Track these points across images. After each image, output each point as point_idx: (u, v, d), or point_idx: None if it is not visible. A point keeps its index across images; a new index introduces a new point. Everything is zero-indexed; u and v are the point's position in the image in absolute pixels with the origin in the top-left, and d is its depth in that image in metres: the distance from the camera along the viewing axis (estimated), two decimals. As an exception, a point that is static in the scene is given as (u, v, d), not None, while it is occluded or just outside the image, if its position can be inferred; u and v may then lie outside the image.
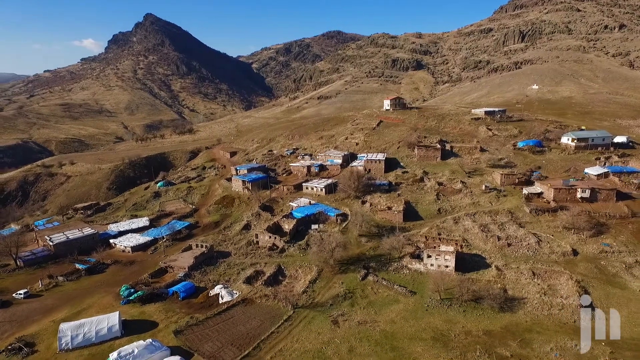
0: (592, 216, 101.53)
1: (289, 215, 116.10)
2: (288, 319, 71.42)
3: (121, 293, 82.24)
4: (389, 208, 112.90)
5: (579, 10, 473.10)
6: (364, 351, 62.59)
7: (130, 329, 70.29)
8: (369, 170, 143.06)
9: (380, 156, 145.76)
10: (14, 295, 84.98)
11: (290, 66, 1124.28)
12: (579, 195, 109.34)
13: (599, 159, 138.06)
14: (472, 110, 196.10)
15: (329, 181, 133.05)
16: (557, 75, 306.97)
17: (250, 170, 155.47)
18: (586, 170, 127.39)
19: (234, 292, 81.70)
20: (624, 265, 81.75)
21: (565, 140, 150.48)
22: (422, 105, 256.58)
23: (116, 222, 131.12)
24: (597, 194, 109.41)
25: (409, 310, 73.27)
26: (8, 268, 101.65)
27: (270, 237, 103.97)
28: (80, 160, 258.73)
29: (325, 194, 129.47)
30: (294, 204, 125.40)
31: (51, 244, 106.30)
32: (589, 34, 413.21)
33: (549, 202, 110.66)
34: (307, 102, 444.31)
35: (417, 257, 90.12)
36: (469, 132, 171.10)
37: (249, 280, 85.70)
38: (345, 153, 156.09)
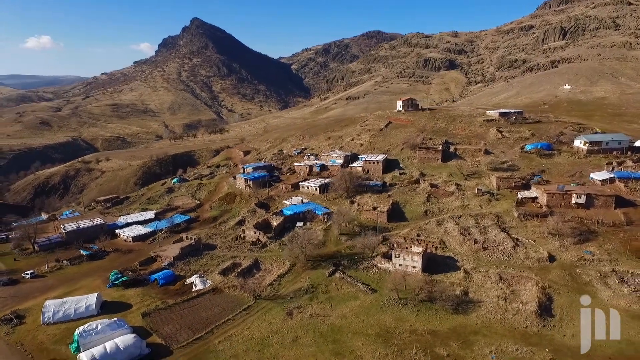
0: (584, 223, 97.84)
1: (279, 213, 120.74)
2: (247, 308, 76.08)
3: (110, 277, 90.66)
4: (374, 208, 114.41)
5: (629, 4, 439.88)
6: (307, 342, 65.82)
7: (108, 309, 78.06)
8: (368, 170, 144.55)
9: (379, 157, 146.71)
10: (22, 275, 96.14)
11: (328, 67, 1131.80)
12: (573, 200, 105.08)
13: (611, 163, 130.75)
14: (487, 112, 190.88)
15: (324, 181, 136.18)
16: (595, 74, 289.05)
17: (255, 169, 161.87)
18: (591, 175, 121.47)
19: (207, 281, 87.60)
20: (599, 274, 78.66)
21: (577, 143, 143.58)
22: (438, 107, 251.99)
23: (127, 214, 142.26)
24: (594, 200, 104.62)
25: (364, 307, 75.39)
26: (27, 251, 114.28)
27: (255, 232, 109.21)
28: (114, 157, 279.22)
29: (320, 193, 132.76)
30: (287, 202, 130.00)
31: (64, 231, 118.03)
32: (639, 29, 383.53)
33: (541, 207, 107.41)
34: (335, 103, 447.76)
35: (389, 257, 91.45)
36: (478, 134, 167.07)
37: (224, 272, 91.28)
38: (347, 154, 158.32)
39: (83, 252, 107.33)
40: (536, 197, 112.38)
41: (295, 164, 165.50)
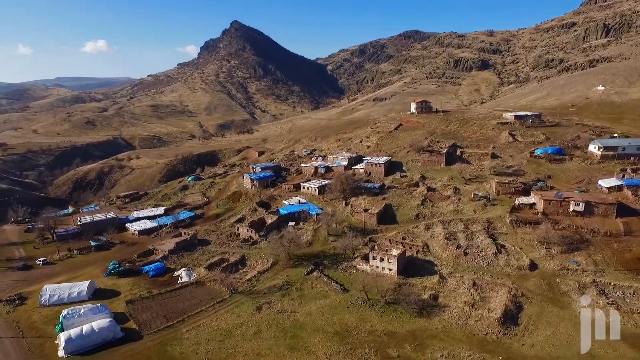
0: (578, 231, 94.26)
1: (275, 212, 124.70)
2: (221, 301, 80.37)
3: (109, 267, 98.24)
4: (365, 210, 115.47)
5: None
6: (267, 336, 68.94)
7: (99, 295, 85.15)
8: (370, 173, 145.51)
9: (381, 160, 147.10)
10: (36, 261, 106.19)
11: (363, 67, 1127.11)
12: (571, 208, 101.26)
13: (625, 170, 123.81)
14: (503, 114, 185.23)
15: (323, 182, 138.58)
16: (634, 73, 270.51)
17: (264, 169, 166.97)
18: (599, 182, 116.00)
19: (193, 274, 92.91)
20: (578, 285, 75.97)
21: (592, 148, 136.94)
22: (453, 109, 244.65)
23: (141, 209, 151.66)
24: (594, 208, 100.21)
25: (332, 306, 77.36)
26: (46, 240, 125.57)
27: (248, 230, 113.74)
28: (144, 156, 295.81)
29: (319, 194, 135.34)
30: (286, 202, 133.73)
31: (79, 223, 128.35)
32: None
33: (537, 214, 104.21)
34: (362, 104, 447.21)
35: (368, 258, 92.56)
36: (489, 137, 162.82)
37: (211, 266, 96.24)
38: (352, 155, 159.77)
39: (92, 243, 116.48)
40: (534, 204, 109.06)
41: (302, 164, 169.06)
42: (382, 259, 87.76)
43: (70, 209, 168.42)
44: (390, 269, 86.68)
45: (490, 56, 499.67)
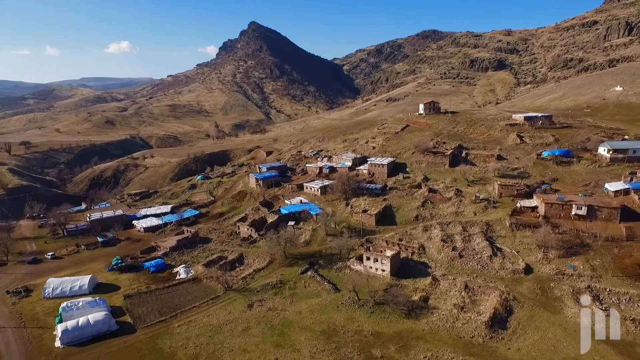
0: (579, 236, 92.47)
1: (277, 211, 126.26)
2: (215, 298, 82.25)
3: (112, 262, 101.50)
4: (364, 211, 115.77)
5: None
6: (255, 332, 70.36)
7: (100, 289, 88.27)
8: (373, 174, 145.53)
9: (385, 161, 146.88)
10: (45, 255, 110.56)
11: (380, 67, 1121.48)
12: (573, 211, 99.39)
13: (634, 173, 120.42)
14: (512, 116, 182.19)
15: (325, 182, 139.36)
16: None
17: (269, 169, 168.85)
18: (606, 185, 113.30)
19: (191, 271, 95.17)
20: (572, 290, 74.74)
21: (601, 150, 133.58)
22: (462, 110, 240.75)
23: (150, 207, 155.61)
24: (597, 212, 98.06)
25: (322, 305, 78.24)
26: (57, 236, 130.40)
27: (248, 229, 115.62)
28: (158, 155, 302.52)
29: (321, 194, 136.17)
30: (288, 202, 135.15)
31: (88, 220, 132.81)
32: None
33: (538, 217, 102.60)
34: (375, 105, 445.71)
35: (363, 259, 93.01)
36: (496, 139, 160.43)
37: (209, 264, 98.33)
38: (357, 156, 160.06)
39: (99, 239, 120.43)
40: (536, 207, 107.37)
41: (307, 165, 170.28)
42: (375, 260, 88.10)
43: (83, 206, 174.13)
44: (383, 270, 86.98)
45: (507, 56, 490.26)
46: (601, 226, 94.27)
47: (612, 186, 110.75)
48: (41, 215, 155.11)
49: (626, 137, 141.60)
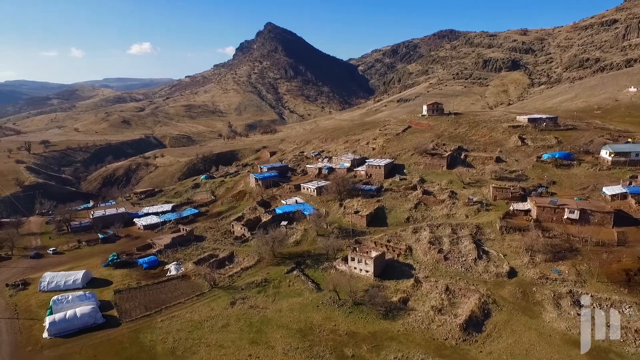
0: (569, 240, 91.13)
1: (272, 211, 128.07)
2: (200, 295, 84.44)
3: (109, 258, 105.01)
4: (356, 212, 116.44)
5: None
6: (233, 329, 72.12)
7: (93, 284, 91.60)
8: (370, 175, 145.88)
9: (382, 162, 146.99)
10: (47, 251, 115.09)
11: (395, 68, 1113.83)
12: (565, 215, 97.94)
13: (635, 177, 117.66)
14: (516, 118, 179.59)
15: (321, 183, 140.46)
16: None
17: (270, 169, 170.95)
18: (604, 189, 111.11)
19: (181, 268, 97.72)
20: (553, 295, 73.92)
21: (603, 153, 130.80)
22: (466, 111, 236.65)
23: (152, 205, 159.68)
24: (590, 216, 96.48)
25: (303, 304, 79.46)
26: (62, 232, 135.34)
27: (241, 228, 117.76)
28: (168, 154, 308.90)
29: (317, 195, 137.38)
30: (284, 202, 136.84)
31: (91, 217, 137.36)
32: None
33: (530, 221, 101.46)
34: (385, 105, 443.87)
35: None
36: (498, 141, 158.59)
37: (199, 261, 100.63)
38: (356, 157, 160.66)
39: (100, 236, 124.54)
40: (529, 210, 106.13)
41: (307, 165, 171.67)
42: (359, 261, 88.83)
43: (91, 204, 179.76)
44: (367, 271, 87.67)
45: (522, 56, 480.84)
46: (593, 231, 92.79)
47: (609, 190, 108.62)
48: (49, 212, 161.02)
49: (630, 140, 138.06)
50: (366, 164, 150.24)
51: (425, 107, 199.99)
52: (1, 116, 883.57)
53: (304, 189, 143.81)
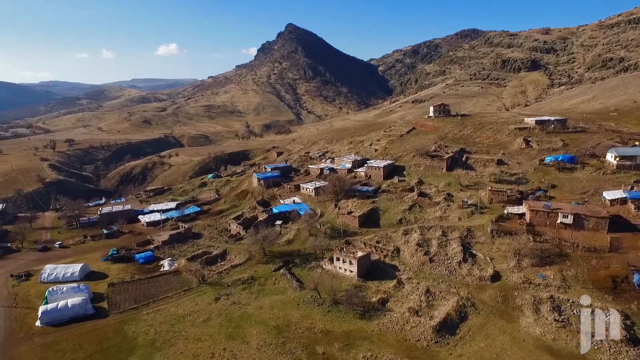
0: (560, 245, 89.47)
1: (269, 211, 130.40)
2: (188, 290, 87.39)
3: (109, 253, 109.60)
4: (349, 213, 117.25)
5: None
6: (213, 323, 74.56)
7: (91, 277, 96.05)
8: (370, 176, 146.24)
9: (381, 163, 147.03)
10: (54, 244, 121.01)
11: (415, 68, 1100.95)
12: (559, 220, 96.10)
13: (639, 181, 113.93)
14: (524, 119, 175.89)
15: (318, 184, 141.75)
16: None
17: (273, 169, 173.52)
18: (604, 193, 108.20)
19: (175, 264, 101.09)
20: (533, 300, 72.94)
21: (608, 157, 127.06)
22: (472, 113, 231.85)
23: (158, 203, 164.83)
24: (584, 221, 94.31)
25: (284, 302, 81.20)
26: (72, 227, 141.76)
27: (237, 226, 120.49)
28: (183, 154, 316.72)
29: (315, 195, 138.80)
30: (282, 202, 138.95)
31: (99, 213, 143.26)
32: None
33: (523, 225, 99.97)
34: (400, 106, 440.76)
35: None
36: (502, 143, 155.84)
37: (192, 258, 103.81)
38: (357, 158, 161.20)
39: (104, 231, 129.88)
40: (523, 214, 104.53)
41: (310, 166, 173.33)
42: (344, 261, 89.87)
43: (103, 200, 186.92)
44: (351, 271, 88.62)
45: (543, 56, 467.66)
46: (587, 236, 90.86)
47: (609, 195, 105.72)
48: (63, 208, 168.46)
49: (637, 143, 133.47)
50: (366, 165, 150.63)
51: (431, 108, 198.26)
52: (34, 115, 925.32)
53: (303, 189, 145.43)
